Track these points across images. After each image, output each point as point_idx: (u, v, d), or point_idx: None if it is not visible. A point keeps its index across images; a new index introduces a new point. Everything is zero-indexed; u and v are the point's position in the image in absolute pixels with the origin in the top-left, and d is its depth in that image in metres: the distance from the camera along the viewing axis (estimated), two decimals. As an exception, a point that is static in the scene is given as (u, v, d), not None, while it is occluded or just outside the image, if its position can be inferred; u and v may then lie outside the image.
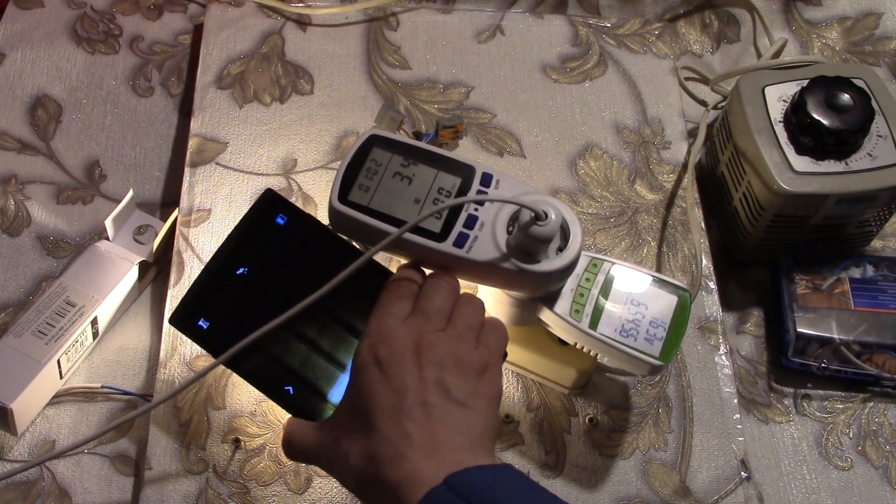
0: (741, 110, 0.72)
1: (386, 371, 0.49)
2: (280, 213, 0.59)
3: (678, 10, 0.89)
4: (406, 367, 0.49)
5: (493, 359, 0.52)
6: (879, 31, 0.88)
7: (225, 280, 0.57)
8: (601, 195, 0.76)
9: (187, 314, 0.57)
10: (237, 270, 0.57)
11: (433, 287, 0.54)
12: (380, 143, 0.58)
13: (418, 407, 0.48)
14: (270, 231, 0.58)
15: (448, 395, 0.49)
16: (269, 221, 0.59)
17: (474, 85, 0.81)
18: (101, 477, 0.63)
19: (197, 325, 0.57)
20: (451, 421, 0.48)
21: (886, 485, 0.67)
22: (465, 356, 0.51)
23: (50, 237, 0.72)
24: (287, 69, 0.80)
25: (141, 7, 0.84)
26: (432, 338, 0.51)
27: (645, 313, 0.60)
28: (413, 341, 0.50)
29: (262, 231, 0.58)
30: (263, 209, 0.59)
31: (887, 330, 0.69)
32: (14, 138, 0.76)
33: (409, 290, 0.54)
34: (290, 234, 0.59)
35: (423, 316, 0.52)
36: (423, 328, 0.51)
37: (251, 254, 0.58)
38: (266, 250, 0.58)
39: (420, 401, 0.48)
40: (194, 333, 0.57)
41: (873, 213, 0.72)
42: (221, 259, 0.58)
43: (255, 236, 0.58)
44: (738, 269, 0.77)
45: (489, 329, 0.53)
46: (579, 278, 0.60)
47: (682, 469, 0.65)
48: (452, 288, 0.54)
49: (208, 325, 0.57)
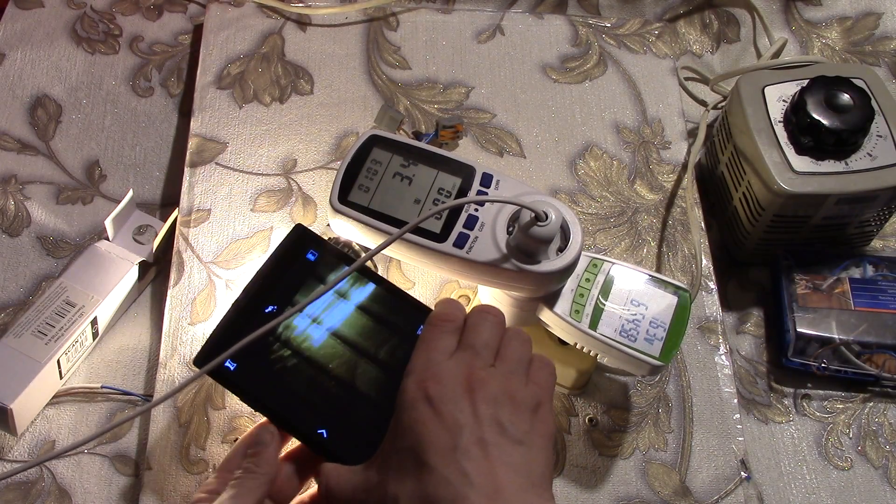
0: (741, 110, 0.72)
1: (437, 408, 0.47)
2: (311, 249, 0.57)
3: (678, 10, 0.89)
4: (459, 403, 0.47)
5: (546, 396, 0.50)
6: (879, 31, 0.88)
7: (253, 319, 0.54)
8: (601, 195, 0.76)
9: (213, 355, 0.52)
10: (266, 308, 0.55)
11: (479, 321, 0.52)
12: (380, 143, 0.58)
13: (475, 445, 0.46)
14: (301, 267, 0.56)
15: (505, 433, 0.47)
16: (299, 257, 0.56)
17: (474, 85, 0.81)
18: (101, 477, 0.63)
19: (223, 367, 0.53)
20: (510, 460, 0.46)
21: (886, 485, 0.67)
22: (518, 393, 0.49)
23: (50, 237, 0.72)
24: (287, 69, 0.80)
25: (141, 7, 0.84)
26: (483, 373, 0.49)
27: (645, 313, 0.60)
28: (464, 377, 0.49)
29: (293, 267, 0.56)
30: (293, 245, 0.57)
31: (887, 330, 0.69)
32: (14, 138, 0.76)
33: (453, 325, 0.52)
34: (321, 269, 0.56)
35: (471, 351, 0.50)
36: (472, 363, 0.49)
37: (281, 291, 0.55)
38: (296, 287, 0.55)
39: (477, 439, 0.46)
40: (221, 376, 0.53)
41: (873, 213, 0.72)
42: (250, 296, 0.55)
43: (284, 273, 0.56)
44: (738, 269, 0.77)
45: (539, 365, 0.52)
46: (579, 278, 0.60)
47: (682, 469, 0.65)
48: (499, 321, 0.53)
49: (235, 366, 0.53)
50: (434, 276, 0.70)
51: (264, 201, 0.73)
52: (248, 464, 0.51)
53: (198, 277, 0.68)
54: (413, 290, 0.70)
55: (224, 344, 0.52)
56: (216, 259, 0.69)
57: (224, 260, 0.69)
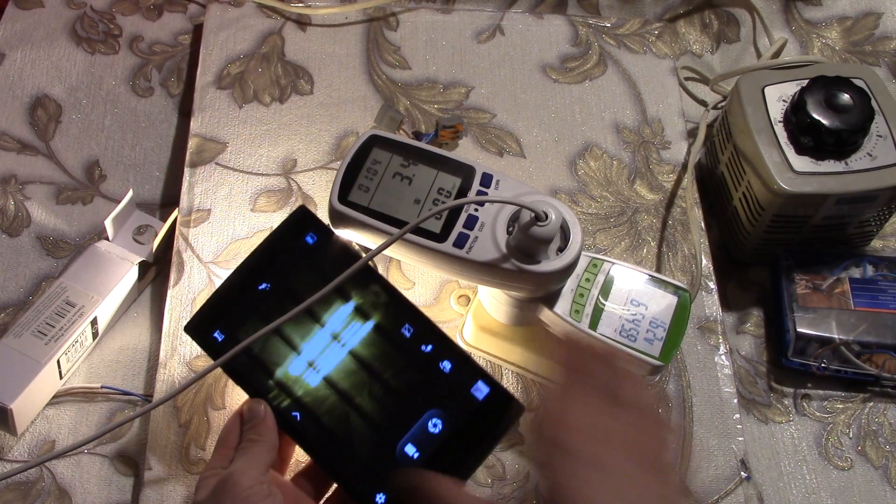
0: (741, 110, 0.72)
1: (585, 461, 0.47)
2: (311, 232, 0.57)
3: (678, 10, 0.89)
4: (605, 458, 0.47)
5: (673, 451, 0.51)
6: (879, 31, 0.88)
7: (246, 293, 0.56)
8: (601, 195, 0.76)
9: (204, 324, 0.55)
10: (259, 285, 0.56)
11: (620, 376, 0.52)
12: (380, 143, 0.58)
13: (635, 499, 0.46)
14: (299, 249, 0.57)
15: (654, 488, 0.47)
16: (298, 239, 0.57)
17: (474, 85, 0.81)
18: (101, 477, 0.63)
19: (212, 337, 0.55)
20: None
21: (886, 485, 0.67)
22: (658, 448, 0.49)
23: (50, 237, 0.72)
24: (287, 69, 0.80)
25: (141, 7, 0.84)
26: (618, 426, 0.49)
27: (645, 313, 0.60)
28: (604, 429, 0.48)
29: (291, 248, 0.57)
30: (294, 226, 0.57)
31: (887, 330, 0.69)
32: (14, 138, 0.76)
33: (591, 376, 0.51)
34: (318, 254, 0.57)
35: (608, 402, 0.50)
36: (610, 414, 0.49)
37: (276, 270, 0.56)
38: (291, 268, 0.56)
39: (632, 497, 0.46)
40: (208, 345, 0.55)
41: (873, 213, 0.72)
42: (245, 272, 0.56)
43: (282, 252, 0.56)
44: (738, 269, 0.77)
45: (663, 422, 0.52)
46: (579, 278, 0.60)
47: (682, 469, 0.65)
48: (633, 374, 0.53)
49: (223, 337, 0.55)
50: (434, 276, 0.70)
51: (264, 201, 0.73)
52: (250, 434, 0.52)
53: (198, 277, 0.68)
54: (413, 290, 0.70)
55: (215, 314, 0.55)
56: (216, 259, 0.69)
57: (224, 260, 0.69)
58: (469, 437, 0.52)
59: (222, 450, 0.52)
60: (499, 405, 0.53)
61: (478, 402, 0.53)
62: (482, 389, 0.53)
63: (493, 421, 0.52)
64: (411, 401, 0.53)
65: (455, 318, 0.69)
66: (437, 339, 0.54)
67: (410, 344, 0.54)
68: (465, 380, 0.53)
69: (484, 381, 0.53)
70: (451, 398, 0.53)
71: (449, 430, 0.52)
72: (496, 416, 0.52)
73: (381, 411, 0.53)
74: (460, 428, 0.52)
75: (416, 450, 0.52)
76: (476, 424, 0.52)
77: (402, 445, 0.52)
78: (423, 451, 0.52)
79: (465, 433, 0.52)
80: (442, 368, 0.54)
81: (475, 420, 0.52)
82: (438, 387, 0.53)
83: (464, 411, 0.52)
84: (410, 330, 0.55)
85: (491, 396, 0.53)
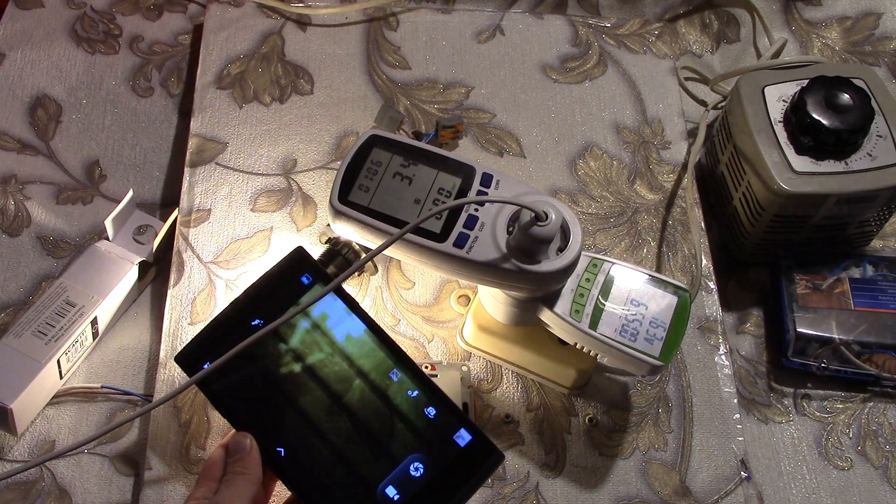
0: (741, 110, 0.72)
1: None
2: (307, 273, 0.58)
3: (678, 10, 0.89)
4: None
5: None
6: (879, 31, 0.88)
7: (238, 328, 0.56)
8: (601, 195, 0.76)
9: (194, 355, 0.55)
10: (252, 321, 0.56)
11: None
12: (380, 143, 0.58)
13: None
14: (293, 289, 0.57)
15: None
16: (294, 279, 0.58)
17: (474, 85, 0.81)
18: (101, 477, 0.63)
19: (201, 368, 0.55)
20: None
21: (886, 485, 0.67)
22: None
23: (50, 237, 0.72)
24: (287, 69, 0.80)
25: (141, 7, 0.84)
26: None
27: (645, 313, 0.60)
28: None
29: (286, 287, 0.57)
30: (291, 266, 0.58)
31: (887, 330, 0.69)
32: (14, 138, 0.76)
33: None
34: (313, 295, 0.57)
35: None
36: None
37: (270, 307, 0.56)
38: (285, 306, 0.56)
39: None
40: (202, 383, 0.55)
41: (873, 213, 0.72)
42: (239, 307, 0.57)
43: (277, 290, 0.57)
44: (738, 269, 0.77)
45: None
46: (579, 278, 0.60)
47: (682, 469, 0.65)
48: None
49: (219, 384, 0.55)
50: (434, 276, 0.70)
51: (264, 201, 0.73)
52: (235, 467, 0.53)
53: (198, 277, 0.68)
54: (413, 290, 0.70)
55: (206, 347, 0.55)
56: (216, 259, 0.69)
57: (224, 260, 0.69)
58: (449, 483, 0.53)
59: (206, 481, 0.53)
60: (480, 453, 0.54)
61: (459, 449, 0.54)
62: (464, 437, 0.54)
63: (473, 468, 0.53)
64: (395, 444, 0.54)
65: (455, 318, 0.69)
66: (423, 385, 0.55)
67: (397, 388, 0.55)
68: (449, 426, 0.54)
69: (466, 429, 0.54)
70: (433, 444, 0.54)
71: (430, 474, 0.53)
72: (476, 463, 0.53)
73: (364, 452, 0.54)
74: (441, 473, 0.53)
75: (397, 492, 0.52)
76: (457, 471, 0.53)
77: (384, 487, 0.53)
78: (404, 494, 0.52)
79: (446, 478, 0.53)
80: (427, 414, 0.54)
81: (456, 466, 0.53)
82: (422, 432, 0.54)
83: (445, 457, 0.53)
84: (398, 375, 0.55)
85: (472, 444, 0.54)
